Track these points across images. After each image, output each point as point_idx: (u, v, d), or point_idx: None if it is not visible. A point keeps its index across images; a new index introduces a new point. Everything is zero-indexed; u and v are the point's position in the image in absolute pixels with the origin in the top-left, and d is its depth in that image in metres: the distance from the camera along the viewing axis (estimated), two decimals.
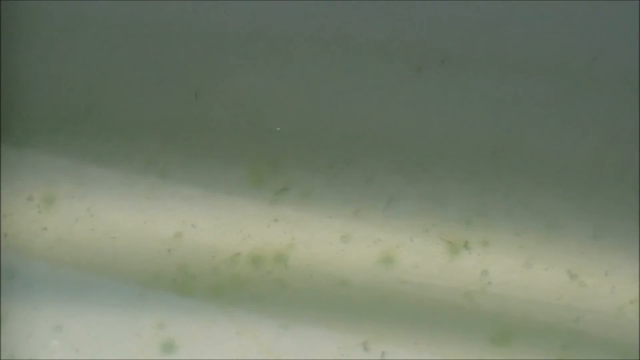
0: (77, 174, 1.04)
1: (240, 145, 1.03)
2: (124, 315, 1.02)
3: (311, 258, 1.02)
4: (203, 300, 1.01)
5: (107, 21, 1.03)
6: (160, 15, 1.02)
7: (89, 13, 1.03)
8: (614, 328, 1.01)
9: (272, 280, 1.02)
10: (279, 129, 1.01)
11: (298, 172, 1.03)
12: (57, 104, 1.04)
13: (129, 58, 1.04)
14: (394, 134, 1.02)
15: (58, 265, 1.03)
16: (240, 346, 1.01)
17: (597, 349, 1.01)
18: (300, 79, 1.02)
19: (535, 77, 1.01)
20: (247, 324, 1.01)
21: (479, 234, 1.02)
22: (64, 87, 1.04)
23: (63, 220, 1.04)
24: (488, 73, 1.01)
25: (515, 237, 1.02)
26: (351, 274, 1.02)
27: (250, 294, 1.02)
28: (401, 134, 1.02)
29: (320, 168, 1.03)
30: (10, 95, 1.03)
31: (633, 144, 1.01)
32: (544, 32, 1.00)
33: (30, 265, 1.03)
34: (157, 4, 1.01)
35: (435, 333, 1.01)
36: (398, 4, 1.00)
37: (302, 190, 1.03)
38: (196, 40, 1.03)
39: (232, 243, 1.02)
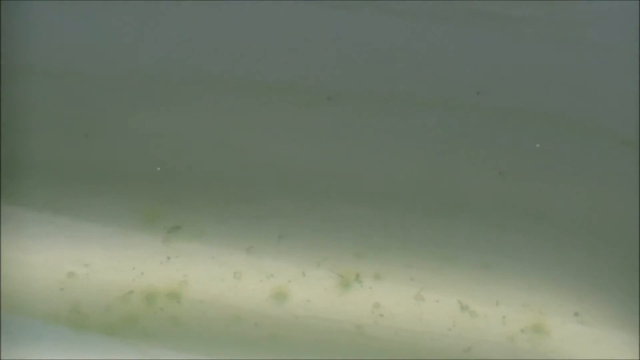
0: None
1: (133, 184, 1.04)
2: (19, 353, 1.01)
3: (204, 295, 1.02)
4: (96, 338, 1.01)
5: None
6: (56, 54, 1.04)
7: None
8: (504, 357, 1.01)
9: (165, 317, 1.02)
10: (159, 169, 1.02)
11: (191, 210, 1.04)
12: None
13: (19, 98, 1.05)
14: (285, 170, 1.04)
15: None
16: None
17: None
18: (191, 119, 1.04)
19: (421, 111, 1.03)
20: None
21: (370, 267, 1.03)
22: None
23: None
24: (374, 109, 1.03)
25: (406, 269, 1.03)
26: (244, 309, 1.02)
27: (144, 331, 1.02)
28: (292, 169, 1.04)
29: (212, 206, 1.04)
30: None
31: (523, 175, 1.03)
32: (430, 67, 1.02)
33: None
34: (53, 44, 1.03)
35: None
36: (298, 44, 1.02)
37: (195, 228, 1.04)
38: (89, 80, 1.04)
39: (126, 281, 1.03)
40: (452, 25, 1.01)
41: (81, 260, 1.04)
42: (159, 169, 1.03)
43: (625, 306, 1.02)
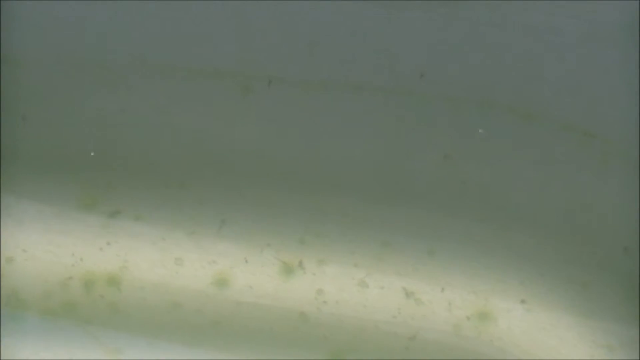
0: None
1: (72, 168, 1.01)
2: None
3: (144, 281, 1.01)
4: (35, 325, 0.99)
5: None
6: None
7: None
8: (451, 345, 1.00)
9: (105, 304, 1.00)
10: (92, 153, 1.00)
11: (131, 194, 1.01)
12: None
13: None
14: (227, 155, 1.02)
15: None
16: None
17: None
18: (130, 103, 1.02)
19: (364, 95, 1.00)
20: (79, 349, 0.99)
21: (313, 253, 1.01)
22: None
23: None
24: (315, 93, 1.01)
25: (350, 255, 1.01)
26: (185, 296, 1.01)
27: (83, 319, 1.00)
28: (234, 154, 1.02)
29: (153, 190, 1.02)
30: None
31: (468, 160, 1.01)
32: (372, 50, 1.00)
33: None
34: None
35: (271, 354, 1.00)
36: (239, 27, 1.00)
37: (135, 213, 1.02)
38: (27, 63, 1.01)
39: (64, 267, 1.01)
40: (394, 7, 0.98)
41: (19, 246, 1.02)
42: (92, 153, 1.00)
43: (572, 292, 1.00)
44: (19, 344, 0.99)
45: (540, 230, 1.00)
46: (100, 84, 1.02)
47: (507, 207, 1.00)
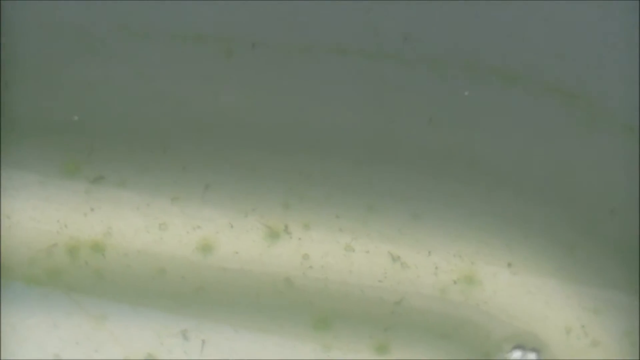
0: None
1: (54, 135, 1.01)
2: None
3: (128, 247, 1.00)
4: (19, 292, 0.99)
5: None
6: None
7: None
8: (437, 309, 1.00)
9: (89, 270, 1.00)
10: (76, 118, 0.99)
11: (114, 160, 1.01)
12: None
13: None
14: (210, 119, 1.01)
15: None
16: (58, 339, 0.99)
17: (420, 331, 1.00)
18: (112, 68, 1.01)
19: (347, 58, 0.99)
20: (64, 317, 0.99)
21: (298, 217, 1.01)
22: None
23: None
24: (299, 57, 1.00)
25: (335, 219, 1.01)
26: (170, 262, 1.00)
27: (67, 285, 1.00)
28: (217, 118, 1.01)
29: (136, 155, 1.01)
30: None
31: (454, 123, 1.00)
32: (356, 13, 0.99)
33: None
34: None
35: (256, 319, 1.00)
36: None
37: (118, 179, 1.01)
38: (8, 30, 1.01)
39: (48, 234, 1.00)
40: None
41: (3, 213, 1.01)
42: (76, 118, 0.99)
43: (558, 255, 1.00)
44: (3, 310, 0.99)
45: (525, 192, 1.00)
46: (82, 50, 1.01)
47: (492, 169, 1.00)
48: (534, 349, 0.98)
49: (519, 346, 0.99)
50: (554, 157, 1.00)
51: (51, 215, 1.02)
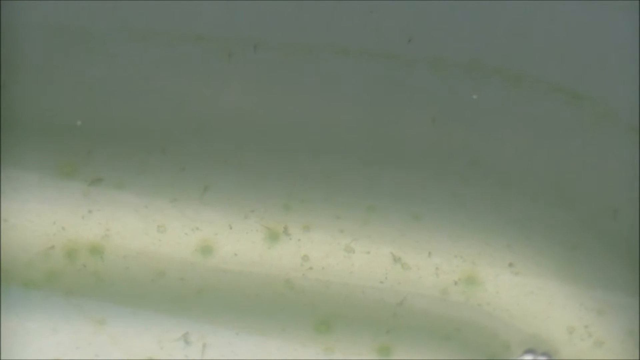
0: None
1: (53, 135, 0.99)
2: None
3: (127, 249, 0.99)
4: (17, 296, 0.98)
5: None
6: None
7: None
8: (438, 310, 0.99)
9: (87, 273, 0.99)
10: (79, 122, 0.98)
11: (112, 161, 1.00)
12: None
13: None
14: (210, 120, 1.00)
15: None
16: (58, 343, 0.98)
17: (422, 332, 0.99)
18: (111, 68, 1.00)
19: (351, 59, 0.99)
20: (63, 320, 0.98)
21: (298, 218, 1.00)
22: None
23: None
24: (302, 58, 0.99)
25: (335, 220, 1.00)
26: (169, 264, 0.99)
27: (66, 288, 0.98)
28: (218, 120, 1.00)
29: (135, 157, 1.00)
30: None
31: (457, 123, 0.99)
32: (360, 14, 0.98)
33: None
34: None
35: (257, 322, 0.99)
36: None
37: (116, 180, 1.00)
38: (7, 28, 0.99)
39: (46, 236, 0.99)
40: None
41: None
42: (79, 123, 0.98)
43: (560, 256, 0.99)
44: (3, 314, 0.98)
45: (527, 193, 0.99)
46: (80, 49, 1.00)
47: (494, 170, 0.99)
48: (544, 354, 0.98)
49: (529, 350, 0.98)
50: (556, 157, 0.99)
51: (48, 217, 1.01)
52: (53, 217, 1.01)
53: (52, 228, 1.01)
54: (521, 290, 1.00)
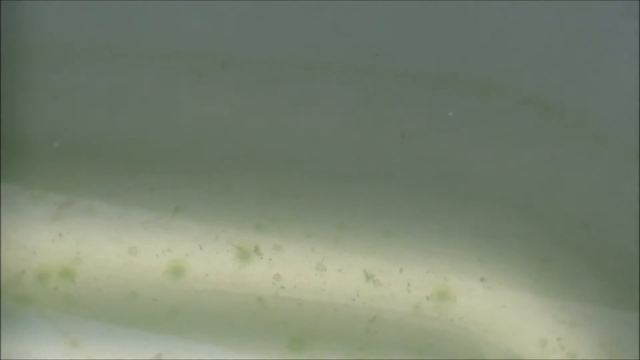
0: None
1: (21, 159, 0.99)
2: None
3: (98, 272, 0.99)
4: None
5: None
6: None
7: None
8: (411, 326, 0.99)
9: (59, 296, 0.99)
10: (56, 145, 0.98)
11: (81, 184, 1.00)
12: None
13: None
14: (179, 141, 1.00)
15: None
16: None
17: (395, 348, 0.99)
18: (77, 89, 0.99)
19: (318, 75, 0.98)
20: (34, 345, 0.98)
21: (269, 238, 1.00)
22: None
23: None
24: (270, 75, 0.99)
25: (306, 239, 1.00)
26: (141, 285, 0.99)
27: (38, 312, 0.98)
28: (186, 140, 1.00)
29: (104, 179, 1.00)
30: None
31: (425, 138, 0.99)
32: (327, 29, 0.98)
33: None
34: None
35: (230, 341, 0.99)
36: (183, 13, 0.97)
37: (86, 203, 1.00)
38: None
39: (17, 260, 0.99)
40: None
41: None
42: (56, 145, 0.98)
43: (531, 269, 0.99)
44: None
45: (498, 206, 0.99)
46: (48, 69, 0.99)
47: (464, 184, 0.99)
48: None
49: None
50: (527, 169, 0.99)
51: (18, 241, 1.00)
52: (23, 241, 1.00)
53: (23, 252, 1.00)
54: (493, 304, 0.99)
